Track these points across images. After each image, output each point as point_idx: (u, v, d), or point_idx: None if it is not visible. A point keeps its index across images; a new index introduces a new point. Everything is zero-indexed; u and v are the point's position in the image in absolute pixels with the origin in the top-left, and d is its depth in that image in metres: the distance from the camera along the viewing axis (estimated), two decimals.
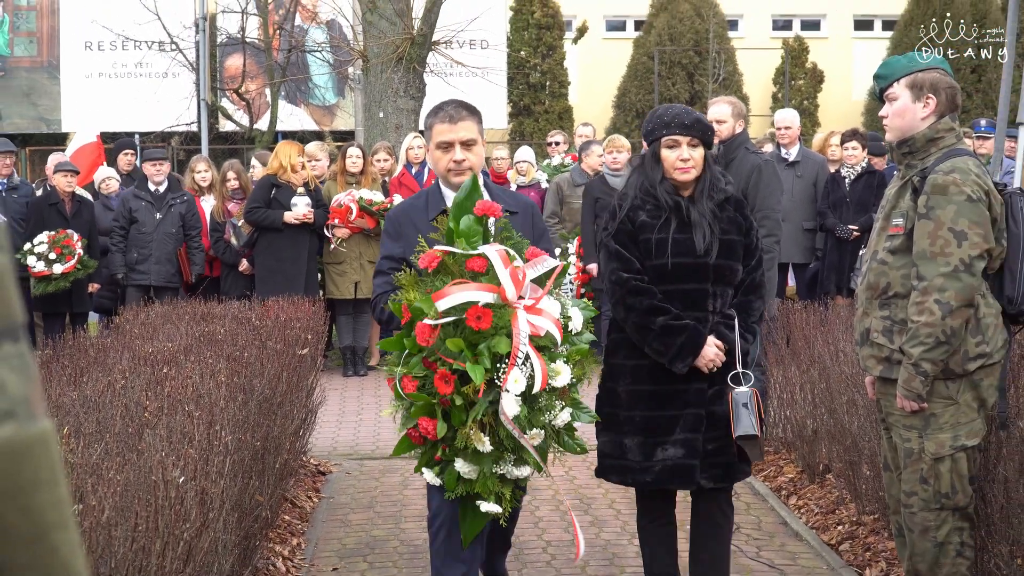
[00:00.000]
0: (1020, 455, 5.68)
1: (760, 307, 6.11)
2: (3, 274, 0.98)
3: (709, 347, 5.72)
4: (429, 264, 4.92)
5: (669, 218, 5.79)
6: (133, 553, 4.21)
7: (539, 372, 4.79)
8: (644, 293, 5.74)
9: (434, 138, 5.86)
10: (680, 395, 5.83)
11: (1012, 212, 5.64)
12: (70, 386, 6.48)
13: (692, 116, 5.90)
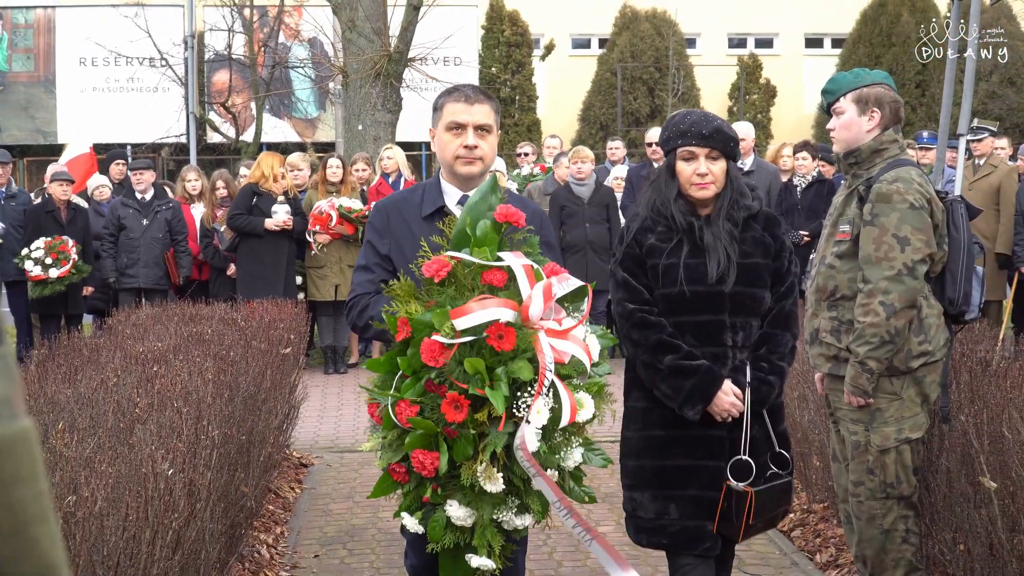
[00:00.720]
0: (961, 447, 5.70)
1: (789, 342, 4.98)
2: None
3: (725, 394, 4.75)
4: (437, 274, 3.97)
5: (681, 241, 4.85)
6: (124, 542, 4.20)
7: (567, 404, 3.92)
8: (652, 327, 4.80)
9: (444, 118, 4.79)
10: (695, 443, 4.86)
11: (953, 219, 5.67)
12: (65, 384, 6.45)
13: (712, 124, 4.85)
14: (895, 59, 28.85)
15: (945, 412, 5.75)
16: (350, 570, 7.03)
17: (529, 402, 3.84)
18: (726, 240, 4.81)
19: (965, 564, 5.63)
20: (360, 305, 4.74)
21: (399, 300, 4.09)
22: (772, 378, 4.87)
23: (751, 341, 4.92)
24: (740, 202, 4.89)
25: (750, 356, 4.88)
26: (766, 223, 4.98)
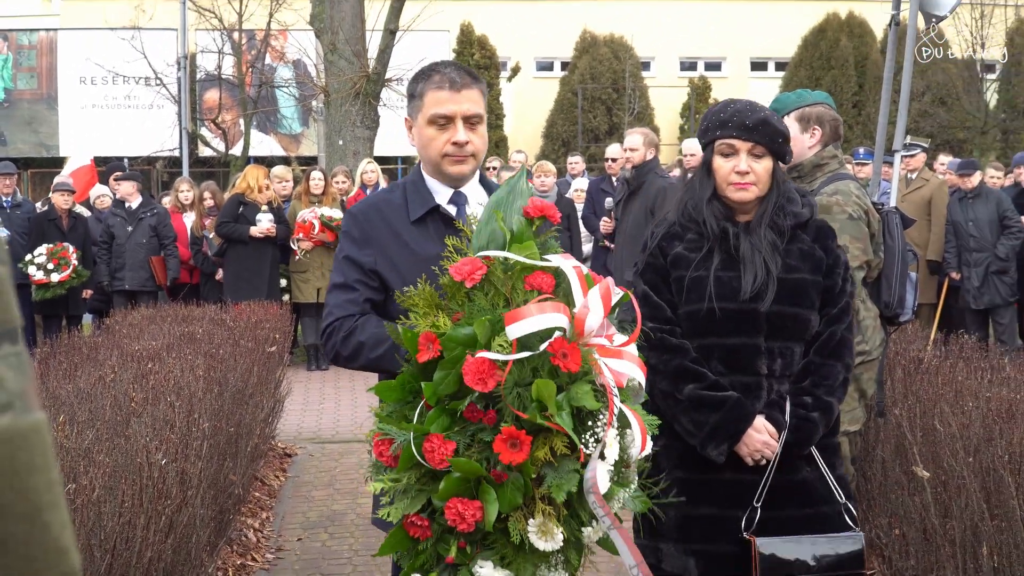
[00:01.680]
0: (896, 439, 5.72)
1: (841, 374, 3.90)
2: (4, 282, 0.97)
3: (757, 432, 3.74)
4: (469, 277, 2.94)
5: (713, 250, 3.87)
6: (120, 527, 4.16)
7: (638, 432, 3.01)
8: (672, 351, 3.80)
9: (425, 109, 3.68)
10: (724, 489, 3.84)
11: (888, 228, 5.69)
12: (65, 379, 6.41)
13: (758, 115, 3.85)
14: (834, 81, 28.98)
15: (881, 407, 5.76)
16: (331, 552, 7.01)
17: (600, 434, 2.88)
18: (766, 251, 3.82)
19: (900, 548, 5.64)
20: (343, 330, 3.61)
21: (417, 313, 3.05)
22: (816, 415, 3.80)
23: (792, 370, 3.88)
24: (787, 208, 3.90)
25: (791, 388, 3.86)
26: (817, 234, 3.98)
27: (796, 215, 3.91)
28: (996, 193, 12.83)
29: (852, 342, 3.99)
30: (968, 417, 5.41)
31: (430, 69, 3.78)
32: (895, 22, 7.57)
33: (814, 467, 3.86)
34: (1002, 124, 29.19)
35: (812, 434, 3.83)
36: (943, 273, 12.79)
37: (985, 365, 6.78)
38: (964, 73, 29.00)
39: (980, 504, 4.79)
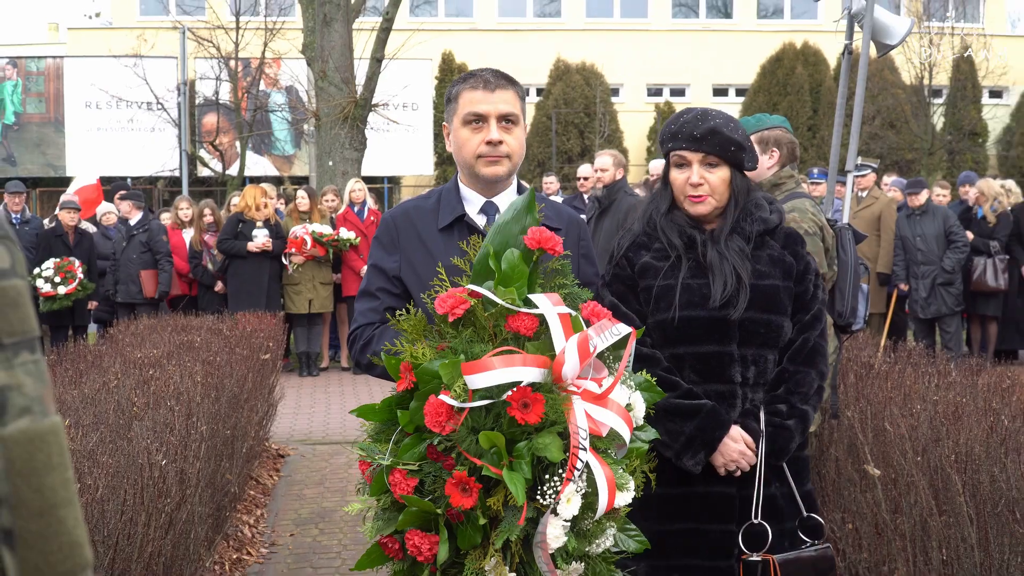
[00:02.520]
0: (848, 439, 5.73)
1: (815, 381, 3.64)
2: (22, 295, 0.97)
3: (733, 441, 3.47)
4: (451, 311, 2.83)
5: (680, 258, 3.60)
6: (123, 524, 4.14)
7: (604, 489, 2.77)
8: (645, 361, 3.41)
9: (460, 110, 3.47)
10: (700, 503, 3.55)
11: (842, 243, 5.71)
12: (71, 385, 6.38)
13: (706, 125, 3.53)
14: (790, 106, 29.09)
15: (835, 409, 5.77)
16: (321, 547, 6.99)
17: (558, 487, 2.72)
18: (735, 258, 3.54)
19: (853, 541, 5.65)
20: (363, 338, 3.50)
21: (405, 337, 2.96)
22: (791, 423, 3.54)
23: (766, 378, 3.61)
24: (755, 214, 3.62)
25: (765, 397, 3.60)
26: (787, 240, 3.70)
27: (765, 221, 3.64)
28: (943, 210, 12.90)
29: (826, 349, 3.74)
30: (916, 419, 5.43)
31: (467, 73, 3.59)
32: (848, 51, 7.58)
33: (783, 483, 3.63)
34: (948, 145, 29.34)
35: (789, 442, 3.58)
36: (892, 285, 12.85)
37: (932, 370, 6.80)
38: (912, 98, 29.16)
39: (929, 501, 4.81)
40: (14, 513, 0.92)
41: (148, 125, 25.69)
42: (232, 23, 24.77)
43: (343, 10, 17.29)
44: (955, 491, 4.57)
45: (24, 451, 0.94)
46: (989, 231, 12.99)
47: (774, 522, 3.56)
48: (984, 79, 29.99)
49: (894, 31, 7.49)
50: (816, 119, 29.63)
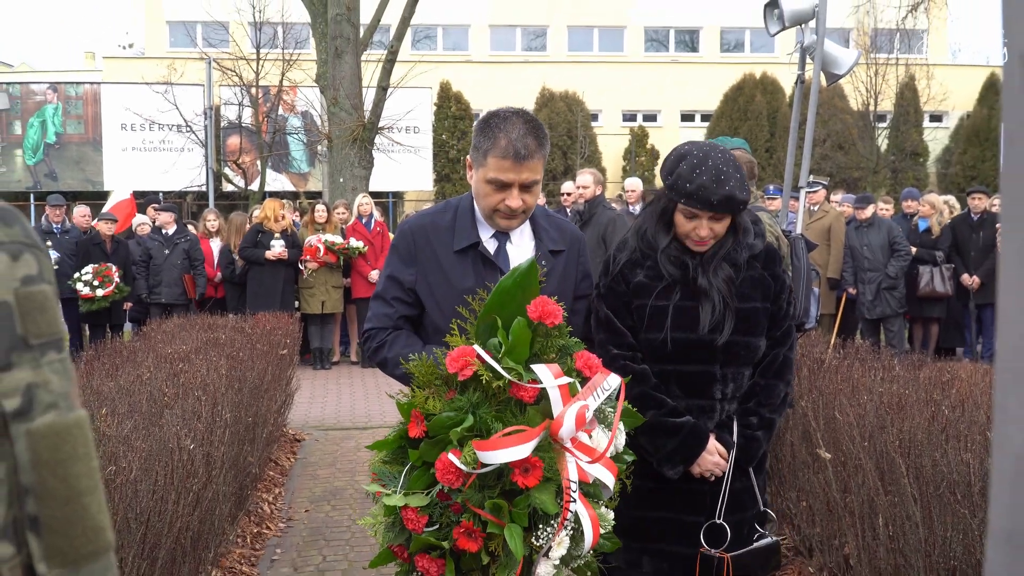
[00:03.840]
0: (802, 426, 5.73)
1: (782, 392, 3.58)
2: (50, 299, 0.96)
3: (710, 454, 3.44)
4: (460, 372, 2.79)
5: (674, 283, 3.45)
6: (154, 502, 4.12)
7: (589, 532, 2.80)
8: (636, 378, 3.39)
9: (486, 168, 3.23)
10: (675, 496, 3.52)
11: (795, 251, 5.71)
12: (108, 378, 6.36)
13: (722, 192, 3.29)
14: (750, 130, 29.15)
15: (790, 400, 5.77)
16: (333, 521, 6.98)
17: (551, 534, 2.77)
18: (723, 286, 3.43)
19: (807, 517, 5.65)
20: (376, 340, 3.39)
21: (416, 381, 2.92)
22: (760, 434, 3.52)
23: (741, 392, 3.55)
24: (743, 242, 3.48)
25: (738, 409, 3.54)
26: (767, 260, 3.57)
27: (751, 247, 3.50)
28: (887, 222, 12.92)
29: (793, 361, 3.62)
30: (863, 408, 5.43)
31: (499, 127, 3.23)
32: (800, 80, 7.60)
33: (745, 478, 3.57)
34: (891, 165, 29.42)
35: (758, 451, 3.54)
36: (841, 288, 12.86)
37: (877, 365, 6.81)
38: (859, 122, 29.25)
39: (875, 482, 4.80)
40: (40, 502, 0.91)
41: (178, 145, 25.67)
42: (253, 55, 24.78)
43: (352, 44, 17.30)
44: (899, 473, 4.57)
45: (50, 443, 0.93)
46: (931, 242, 13.02)
47: (736, 514, 3.56)
48: (925, 104, 30.08)
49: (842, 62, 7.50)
50: (773, 141, 29.69)
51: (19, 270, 0.93)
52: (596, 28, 36.17)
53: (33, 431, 0.91)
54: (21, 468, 0.90)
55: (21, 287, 0.93)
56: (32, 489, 0.90)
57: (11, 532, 0.89)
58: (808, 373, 6.38)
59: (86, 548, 0.95)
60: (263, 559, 6.20)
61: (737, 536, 3.53)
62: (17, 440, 0.90)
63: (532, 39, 36.25)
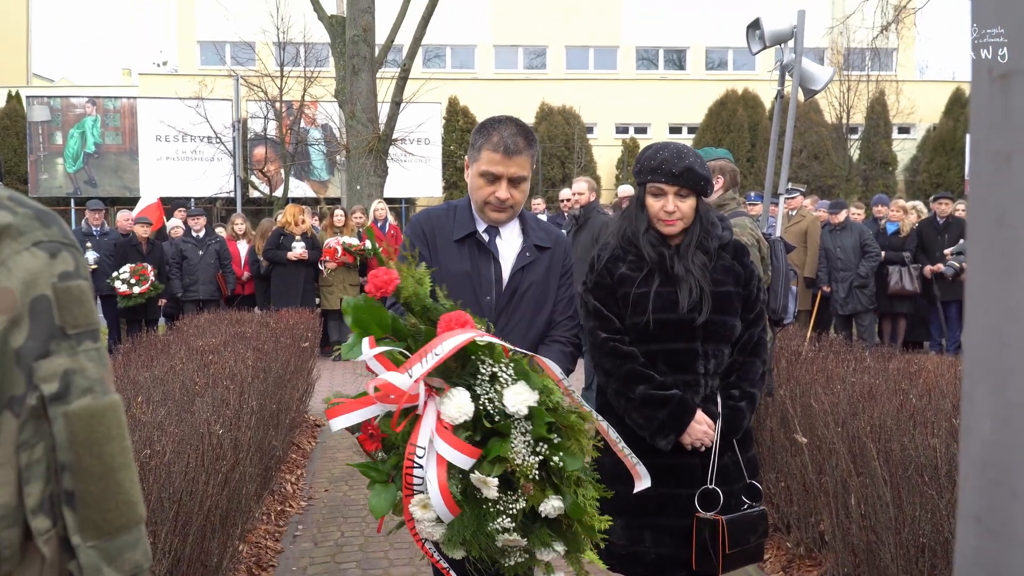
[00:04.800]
0: (781, 413, 5.72)
1: (760, 369, 3.65)
2: (86, 292, 0.96)
3: (698, 424, 3.47)
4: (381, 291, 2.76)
5: (652, 270, 3.55)
6: (186, 482, 4.12)
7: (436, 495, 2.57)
8: (624, 357, 3.50)
9: (479, 162, 3.39)
10: (668, 471, 3.49)
11: (775, 252, 5.70)
12: (144, 369, 6.37)
13: (682, 164, 3.47)
14: (732, 141, 29.10)
15: (770, 388, 5.77)
16: (350, 500, 6.97)
17: None
18: (698, 271, 3.52)
19: (785, 497, 5.65)
20: None
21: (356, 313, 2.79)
22: (743, 405, 3.56)
23: (722, 368, 3.59)
24: (712, 232, 3.59)
25: (721, 384, 3.58)
26: (735, 252, 3.68)
27: (720, 237, 3.60)
28: (859, 226, 12.92)
29: (766, 341, 3.69)
30: (837, 397, 5.43)
31: (492, 127, 3.40)
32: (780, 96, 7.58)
33: (732, 452, 3.59)
34: (863, 173, 29.40)
35: (742, 421, 3.56)
36: (816, 287, 12.85)
37: (850, 357, 6.80)
38: (833, 134, 29.23)
39: (848, 464, 4.80)
40: (76, 478, 0.92)
41: (208, 155, 25.65)
42: (278, 72, 24.80)
43: (368, 62, 17.30)
44: (870, 457, 4.56)
45: (86, 425, 0.93)
46: (900, 244, 13.02)
47: (725, 486, 3.57)
48: (894, 118, 30.08)
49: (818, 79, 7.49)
50: (754, 152, 29.65)
51: (57, 267, 0.94)
52: (591, 48, 36.16)
53: (70, 413, 0.92)
54: (59, 447, 0.91)
55: (59, 282, 0.94)
56: (68, 466, 0.91)
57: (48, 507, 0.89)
58: (786, 364, 6.38)
59: (119, 521, 0.95)
60: (286, 535, 6.20)
61: (727, 506, 3.54)
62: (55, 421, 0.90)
63: (533, 58, 36.23)
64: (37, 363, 0.91)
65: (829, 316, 13.07)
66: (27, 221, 0.94)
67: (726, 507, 3.54)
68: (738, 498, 3.60)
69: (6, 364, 0.89)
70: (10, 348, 0.89)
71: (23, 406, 0.90)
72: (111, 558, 0.94)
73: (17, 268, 0.91)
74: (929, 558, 4.10)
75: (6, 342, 0.89)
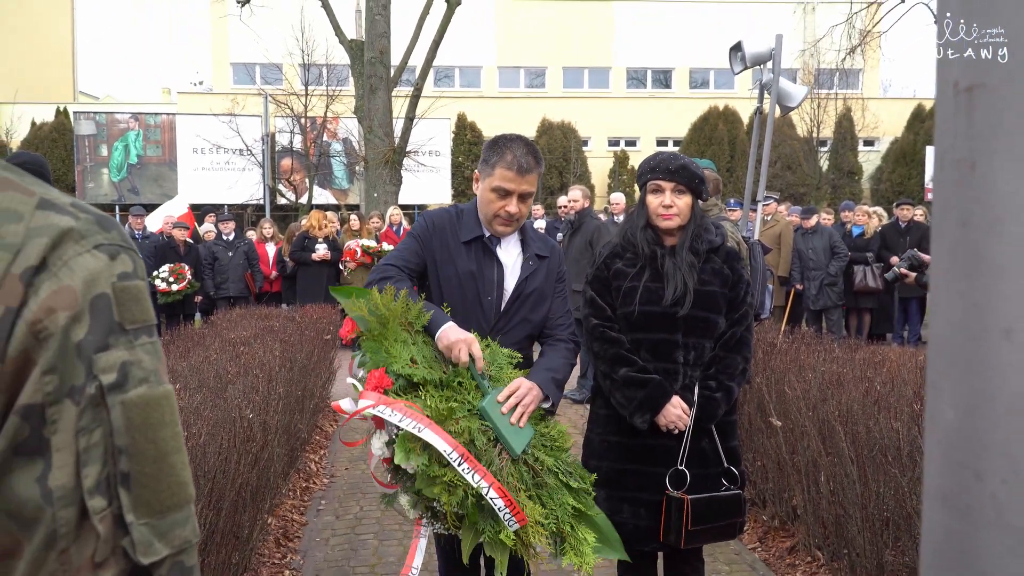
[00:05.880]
0: (758, 399, 5.71)
1: (740, 364, 3.57)
2: (143, 291, 0.97)
3: (673, 407, 3.44)
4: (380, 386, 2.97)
5: (644, 267, 3.56)
6: (220, 462, 4.11)
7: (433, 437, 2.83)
8: (611, 342, 3.53)
9: (492, 178, 3.32)
10: (648, 451, 3.53)
11: (753, 254, 5.69)
12: (181, 359, 6.36)
13: (678, 162, 3.53)
14: (714, 154, 29.05)
15: (748, 376, 5.76)
16: (368, 478, 6.96)
17: None
18: (685, 270, 3.50)
19: (761, 475, 5.64)
20: (380, 272, 3.32)
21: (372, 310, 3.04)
22: (718, 395, 3.50)
23: (703, 361, 3.54)
24: (703, 236, 3.58)
25: (700, 375, 3.54)
26: (727, 257, 3.64)
27: (710, 242, 3.58)
28: (828, 229, 12.93)
29: (750, 340, 3.62)
30: (808, 384, 5.41)
31: (506, 146, 3.34)
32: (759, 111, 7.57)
33: (711, 439, 3.56)
34: (831, 182, 29.37)
35: (716, 410, 3.50)
36: (790, 284, 12.84)
37: (820, 348, 6.79)
38: (804, 147, 29.20)
39: (818, 445, 4.79)
40: (132, 460, 0.92)
41: (239, 166, 25.67)
42: (303, 91, 24.80)
43: (384, 81, 17.29)
44: (839, 438, 4.55)
45: (142, 412, 0.93)
46: (865, 245, 13.03)
47: (700, 468, 3.54)
48: (860, 132, 30.07)
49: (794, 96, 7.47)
50: (733, 163, 29.62)
51: (116, 268, 0.95)
52: (586, 69, 36.14)
53: (127, 401, 0.93)
54: (116, 432, 0.91)
55: (118, 282, 0.95)
56: (125, 450, 0.92)
57: (104, 487, 0.90)
58: (762, 355, 6.37)
59: (170, 500, 0.96)
60: (310, 509, 6.20)
61: (702, 486, 3.51)
62: (113, 408, 0.91)
63: (533, 78, 36.21)
64: (97, 355, 0.92)
65: (801, 311, 13.06)
66: (88, 226, 0.95)
67: (699, 488, 3.51)
68: (714, 480, 3.57)
69: (68, 356, 0.90)
70: (72, 342, 0.90)
71: (83, 395, 0.91)
72: (162, 534, 0.95)
73: (79, 268, 0.92)
74: (892, 530, 4.09)
75: (68, 336, 0.90)
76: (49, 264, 0.91)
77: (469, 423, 2.91)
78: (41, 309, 0.89)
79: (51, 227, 0.92)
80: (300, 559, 5.28)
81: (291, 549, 5.42)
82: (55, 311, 0.89)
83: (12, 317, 0.88)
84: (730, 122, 30.54)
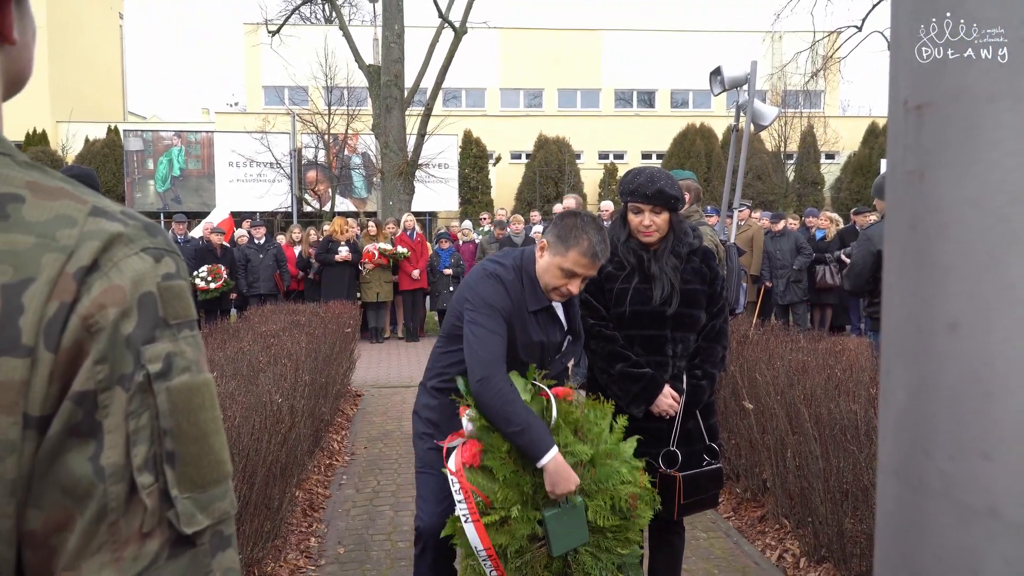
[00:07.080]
0: (732, 384, 5.70)
1: (720, 353, 3.60)
2: (185, 290, 0.97)
3: (664, 397, 3.47)
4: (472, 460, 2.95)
5: (633, 270, 3.52)
6: (252, 441, 4.11)
7: None
8: (606, 339, 3.49)
9: (565, 259, 3.06)
10: (644, 434, 3.48)
11: (729, 255, 5.70)
12: (218, 349, 6.36)
13: (654, 187, 3.42)
14: (692, 166, 29.00)
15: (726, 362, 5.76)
16: (384, 456, 6.96)
17: None
18: (670, 271, 3.48)
19: (735, 452, 5.63)
20: (500, 378, 2.96)
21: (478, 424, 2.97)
22: (704, 382, 3.53)
23: (688, 352, 3.54)
24: (684, 240, 3.53)
25: (687, 365, 3.54)
26: (704, 257, 3.61)
27: (690, 244, 3.54)
28: (794, 233, 12.93)
29: (727, 330, 3.64)
30: (777, 371, 5.41)
31: (583, 230, 3.06)
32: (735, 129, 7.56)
33: (695, 420, 3.57)
34: (797, 191, 29.35)
35: (703, 395, 3.53)
36: (760, 282, 12.84)
37: (787, 339, 6.78)
38: (773, 160, 29.18)
39: (785, 425, 4.78)
40: (176, 440, 0.93)
41: (270, 178, 25.64)
42: (326, 111, 24.79)
43: (399, 102, 17.29)
44: (804, 419, 4.54)
45: (185, 397, 0.94)
46: (826, 247, 13.04)
47: (687, 446, 3.55)
48: (822, 146, 30.08)
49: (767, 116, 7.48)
50: (709, 173, 29.55)
51: (161, 269, 0.95)
52: (578, 90, 36.13)
53: (171, 387, 0.93)
54: (161, 415, 0.92)
55: (163, 281, 0.95)
56: (170, 431, 0.92)
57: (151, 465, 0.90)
58: (736, 345, 6.36)
59: (211, 476, 0.96)
60: (333, 483, 6.20)
61: (688, 463, 3.54)
62: (159, 394, 0.92)
63: (531, 99, 36.19)
64: (144, 347, 0.92)
65: (771, 306, 13.05)
66: (136, 231, 0.95)
67: (687, 465, 3.53)
68: (699, 456, 3.58)
69: (118, 348, 0.90)
70: (121, 335, 0.90)
71: (132, 382, 0.91)
72: (203, 506, 0.95)
73: (128, 269, 0.93)
74: (851, 501, 4.08)
75: (118, 330, 0.90)
76: (100, 265, 0.91)
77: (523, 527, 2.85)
78: (93, 305, 0.89)
79: (102, 232, 0.92)
80: (324, 527, 5.28)
81: (316, 519, 5.43)
82: (106, 307, 0.90)
83: (66, 312, 0.88)
84: (706, 138, 30.48)
